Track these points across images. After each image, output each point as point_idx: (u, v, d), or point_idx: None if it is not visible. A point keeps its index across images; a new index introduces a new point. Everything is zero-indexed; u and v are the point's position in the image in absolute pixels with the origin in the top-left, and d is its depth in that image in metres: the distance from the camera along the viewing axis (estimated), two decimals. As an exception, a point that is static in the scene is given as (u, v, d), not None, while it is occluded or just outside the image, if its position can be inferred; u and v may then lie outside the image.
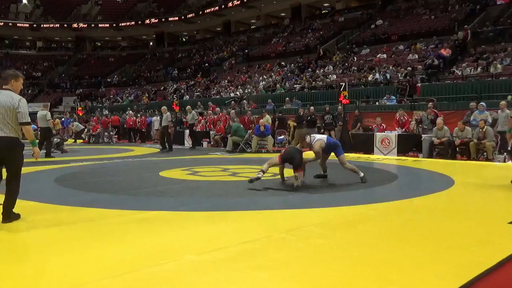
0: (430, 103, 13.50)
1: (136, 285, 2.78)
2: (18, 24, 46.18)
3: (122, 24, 46.86)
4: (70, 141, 20.90)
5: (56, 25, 46.68)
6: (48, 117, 12.37)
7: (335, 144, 7.51)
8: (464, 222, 4.47)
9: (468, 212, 4.96)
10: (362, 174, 7.20)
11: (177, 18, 43.81)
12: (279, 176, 7.35)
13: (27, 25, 46.44)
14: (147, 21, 45.62)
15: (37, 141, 4.80)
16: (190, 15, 42.85)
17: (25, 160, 4.64)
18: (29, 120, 4.47)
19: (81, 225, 4.38)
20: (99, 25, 47.30)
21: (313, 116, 14.61)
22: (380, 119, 13.41)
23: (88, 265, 3.13)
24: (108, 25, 47.01)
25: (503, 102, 11.27)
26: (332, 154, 7.50)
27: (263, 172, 6.69)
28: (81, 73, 46.14)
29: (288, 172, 7.15)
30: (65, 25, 47.03)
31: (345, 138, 13.53)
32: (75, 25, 47.34)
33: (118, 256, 3.34)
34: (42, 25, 46.73)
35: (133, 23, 46.44)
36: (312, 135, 7.41)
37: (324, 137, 7.65)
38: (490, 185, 7.10)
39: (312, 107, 15.37)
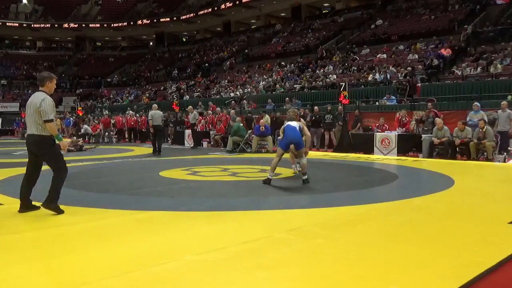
0: (430, 103, 13.50)
1: (136, 285, 2.78)
2: (18, 24, 46.18)
3: (122, 24, 46.88)
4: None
5: (56, 25, 46.70)
6: None
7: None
8: (464, 222, 4.47)
9: (468, 212, 4.96)
10: (305, 177, 6.89)
11: (177, 18, 43.82)
12: (280, 176, 7.36)
13: (27, 25, 46.45)
14: (147, 21, 45.64)
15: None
16: (190, 15, 42.87)
17: (21, 160, 4.73)
18: (50, 118, 4.74)
19: (81, 225, 4.38)
20: (99, 25, 47.31)
21: (317, 116, 14.65)
22: (383, 119, 13.41)
23: (88, 265, 3.13)
24: (108, 25, 47.02)
25: (504, 102, 11.28)
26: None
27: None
28: (81, 73, 46.17)
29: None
30: (65, 25, 47.04)
31: (345, 138, 13.54)
32: (75, 25, 47.36)
33: (118, 256, 3.34)
34: (42, 25, 46.74)
35: (133, 23, 46.45)
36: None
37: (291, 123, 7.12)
38: (490, 185, 7.10)
39: (316, 107, 15.41)
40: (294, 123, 7.13)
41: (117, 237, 3.94)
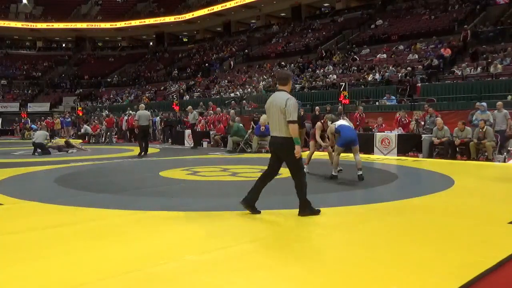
0: (426, 104, 13.48)
1: (136, 285, 2.78)
2: (18, 24, 46.16)
3: (122, 24, 46.87)
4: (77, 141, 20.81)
5: (56, 25, 46.68)
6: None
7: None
8: (464, 222, 4.47)
9: (468, 212, 4.96)
10: (360, 172, 7.34)
11: (177, 18, 43.84)
12: (280, 176, 7.34)
13: (27, 25, 46.43)
14: (147, 21, 45.65)
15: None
16: (190, 15, 42.89)
17: (21, 160, 4.69)
18: (294, 119, 4.47)
19: (81, 225, 4.38)
20: (99, 25, 47.30)
21: (318, 114, 14.69)
22: (381, 119, 13.40)
23: (88, 265, 3.13)
24: (108, 25, 47.01)
25: (499, 103, 11.46)
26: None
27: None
28: (81, 73, 46.14)
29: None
30: (65, 25, 47.03)
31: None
32: (75, 25, 47.37)
33: (118, 256, 3.34)
34: (42, 25, 46.73)
35: (133, 23, 46.45)
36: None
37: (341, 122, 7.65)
38: (490, 185, 7.10)
39: (317, 107, 15.41)
40: (346, 122, 7.60)
41: (117, 237, 3.94)
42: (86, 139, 20.77)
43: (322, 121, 8.39)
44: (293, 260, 3.23)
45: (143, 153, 12.62)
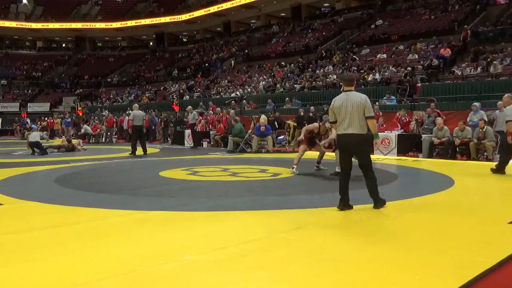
0: (432, 103, 13.49)
1: (136, 285, 2.78)
2: (18, 24, 46.16)
3: (122, 24, 46.88)
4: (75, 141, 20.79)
5: (56, 25, 46.68)
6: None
7: None
8: (464, 222, 4.47)
9: (468, 212, 4.96)
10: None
11: (177, 18, 43.85)
12: (279, 176, 7.36)
13: (27, 25, 46.44)
14: (147, 21, 45.67)
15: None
16: (190, 15, 42.91)
17: (21, 160, 4.69)
18: (373, 114, 4.96)
19: (81, 225, 4.38)
20: (99, 25, 47.31)
21: (312, 116, 14.66)
22: (383, 119, 13.39)
23: (88, 265, 3.13)
24: (108, 25, 47.02)
25: (500, 102, 11.32)
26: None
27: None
28: (81, 73, 46.15)
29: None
30: (65, 25, 47.04)
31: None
32: (75, 25, 47.37)
33: (118, 256, 3.34)
34: (42, 25, 46.72)
35: (133, 23, 46.47)
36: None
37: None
38: (490, 185, 7.10)
39: (312, 107, 15.39)
40: None
41: (117, 237, 3.94)
42: (86, 139, 20.76)
43: (320, 123, 8.44)
44: (293, 260, 3.23)
45: (136, 153, 12.59)
